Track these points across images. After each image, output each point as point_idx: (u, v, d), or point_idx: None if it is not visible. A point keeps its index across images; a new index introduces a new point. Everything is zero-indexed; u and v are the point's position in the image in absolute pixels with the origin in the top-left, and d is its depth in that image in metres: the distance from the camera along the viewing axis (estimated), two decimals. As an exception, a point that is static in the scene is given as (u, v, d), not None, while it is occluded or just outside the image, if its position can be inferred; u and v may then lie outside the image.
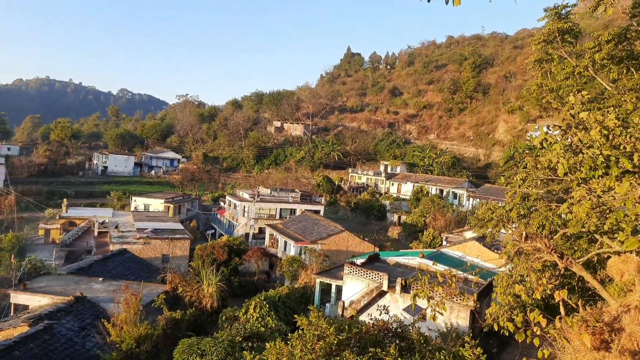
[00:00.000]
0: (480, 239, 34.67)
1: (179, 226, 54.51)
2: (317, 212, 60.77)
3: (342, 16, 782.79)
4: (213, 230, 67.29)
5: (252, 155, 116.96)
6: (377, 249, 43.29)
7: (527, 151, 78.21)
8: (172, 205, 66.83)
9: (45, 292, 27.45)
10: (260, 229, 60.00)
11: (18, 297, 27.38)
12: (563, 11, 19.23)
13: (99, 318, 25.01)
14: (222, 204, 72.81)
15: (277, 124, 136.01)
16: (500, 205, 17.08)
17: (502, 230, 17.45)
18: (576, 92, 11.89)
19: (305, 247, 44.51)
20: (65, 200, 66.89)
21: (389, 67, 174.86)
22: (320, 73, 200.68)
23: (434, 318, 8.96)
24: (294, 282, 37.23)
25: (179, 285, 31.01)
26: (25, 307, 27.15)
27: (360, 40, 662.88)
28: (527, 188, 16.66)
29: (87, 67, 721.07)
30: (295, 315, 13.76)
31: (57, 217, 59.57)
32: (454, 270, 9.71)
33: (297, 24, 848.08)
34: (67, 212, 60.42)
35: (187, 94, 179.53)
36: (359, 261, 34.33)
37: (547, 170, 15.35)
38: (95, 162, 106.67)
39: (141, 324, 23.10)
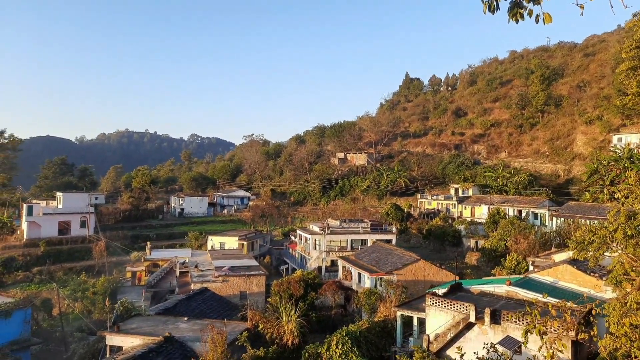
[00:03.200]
0: (574, 262, 31.89)
1: (254, 262, 55.62)
2: (388, 241, 59.52)
3: (398, 43, 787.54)
4: (287, 265, 67.94)
5: (317, 188, 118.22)
6: (457, 278, 41.25)
7: (613, 163, 72.21)
8: (245, 242, 68.58)
9: (137, 333, 28.72)
10: (332, 261, 59.69)
11: (113, 339, 28.87)
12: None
13: (187, 357, 25.66)
14: (292, 238, 73.60)
15: (341, 155, 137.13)
16: (601, 225, 15.55)
17: (606, 253, 15.84)
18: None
19: (381, 278, 43.42)
20: (148, 243, 70.99)
21: (450, 88, 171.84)
22: (380, 101, 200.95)
23: (552, 356, 8.01)
24: (372, 316, 36.21)
25: (260, 322, 31.23)
26: (119, 348, 28.52)
27: (419, 65, 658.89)
28: (630, 205, 15.12)
29: (160, 116, 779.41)
30: (398, 357, 13.10)
31: (142, 260, 63.14)
32: (568, 302, 8.75)
33: (353, 54, 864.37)
34: (150, 254, 63.96)
35: (253, 134, 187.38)
36: (440, 291, 32.80)
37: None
38: (172, 205, 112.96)
39: (227, 362, 23.32)
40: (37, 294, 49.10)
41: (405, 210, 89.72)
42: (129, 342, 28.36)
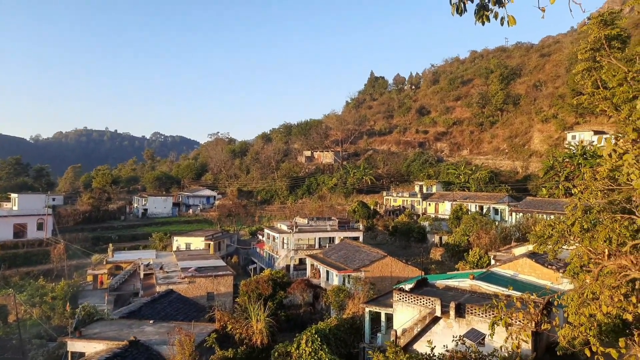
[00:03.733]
0: (532, 256, 33.23)
1: (221, 263, 54.91)
2: (356, 238, 60.10)
3: (363, 42, 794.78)
4: (255, 265, 67.46)
5: (285, 186, 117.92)
6: (422, 273, 42.15)
7: (568, 160, 75.55)
8: (212, 243, 67.60)
9: (100, 338, 27.84)
10: (300, 260, 59.71)
11: (75, 345, 27.86)
12: (609, 17, 18.72)
13: (154, 361, 25.12)
14: (260, 237, 73.14)
15: (307, 153, 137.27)
16: (559, 220, 16.28)
17: (564, 246, 16.59)
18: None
19: (349, 275, 43.83)
20: (110, 245, 68.81)
21: (413, 87, 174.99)
22: (345, 99, 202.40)
23: (518, 346, 8.37)
24: (341, 313, 36.52)
25: (228, 323, 30.93)
26: (82, 355, 27.56)
27: (383, 64, 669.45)
28: (587, 200, 15.86)
29: (121, 114, 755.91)
30: (370, 352, 13.28)
31: (104, 262, 61.16)
32: (532, 295, 9.14)
33: (318, 53, 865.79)
34: (113, 256, 62.02)
35: (218, 132, 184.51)
36: (407, 287, 33.37)
37: (606, 180, 14.58)
38: (135, 205, 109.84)
39: (196, 365, 22.98)
40: (-9, 300, 46.60)
41: (372, 207, 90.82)
42: (92, 348, 27.44)
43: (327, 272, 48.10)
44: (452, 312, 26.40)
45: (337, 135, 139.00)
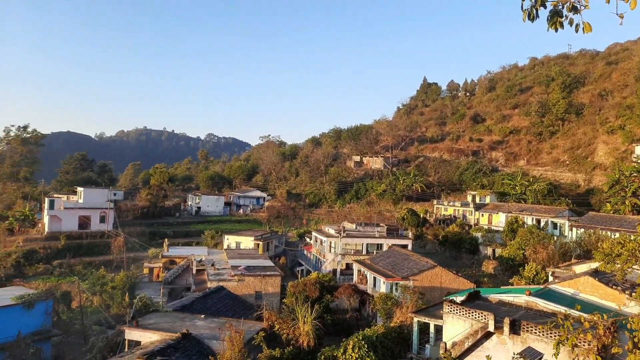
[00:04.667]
0: (595, 274, 31.35)
1: (270, 263, 55.88)
2: (404, 246, 59.23)
3: (416, 47, 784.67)
4: (302, 267, 68.09)
5: (333, 190, 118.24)
6: (474, 286, 40.89)
7: (636, 174, 70.79)
8: (261, 243, 68.92)
9: (155, 329, 29.09)
10: (347, 264, 59.63)
11: (132, 334, 29.29)
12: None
13: (204, 355, 25.92)
14: (308, 239, 73.74)
15: (357, 158, 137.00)
16: (630, 237, 15.33)
17: (635, 266, 15.59)
18: None
19: (397, 283, 43.25)
20: (166, 240, 71.83)
21: (468, 94, 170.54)
22: (397, 105, 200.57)
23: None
24: (388, 321, 36.11)
25: (275, 322, 31.38)
26: (138, 343, 28.92)
27: (436, 70, 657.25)
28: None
29: (178, 115, 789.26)
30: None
31: (160, 257, 63.91)
32: (603, 316, 8.68)
33: (371, 59, 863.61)
34: (168, 251, 64.71)
35: (269, 135, 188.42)
36: (458, 299, 32.53)
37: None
38: (189, 203, 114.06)
39: (245, 362, 23.50)
40: (57, 286, 50.07)
41: (422, 215, 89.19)
42: (148, 338, 28.75)
43: (375, 278, 47.71)
44: (506, 328, 25.41)
45: (387, 141, 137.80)
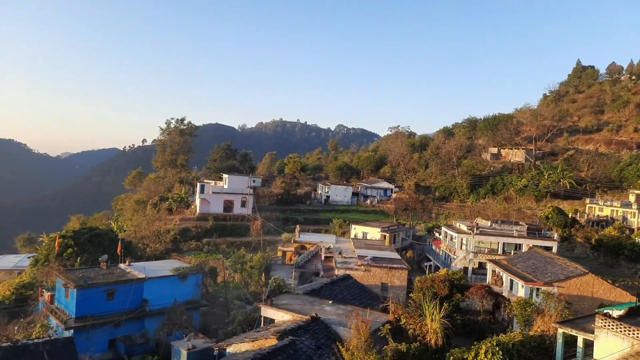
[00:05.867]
0: None
1: (396, 255, 55.22)
2: (548, 248, 53.46)
3: (568, 27, 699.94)
4: (430, 262, 66.04)
5: (465, 184, 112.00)
6: (637, 300, 35.07)
7: None
8: (388, 234, 68.44)
9: (287, 309, 30.75)
10: (480, 263, 56.09)
11: (267, 311, 31.42)
12: None
13: (331, 339, 26.56)
14: (437, 234, 71.07)
15: (494, 150, 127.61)
16: None
17: None
18: None
19: (538, 288, 39.24)
20: (297, 226, 75.73)
21: (634, 77, 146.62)
22: (542, 92, 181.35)
23: None
24: (527, 329, 32.93)
25: (402, 316, 30.74)
26: (272, 321, 30.93)
27: (592, 52, 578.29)
28: None
29: (311, 107, 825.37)
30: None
31: (292, 241, 67.65)
32: None
33: (514, 43, 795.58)
34: (299, 237, 68.16)
35: (398, 125, 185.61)
36: (614, 313, 28.25)
37: None
38: (319, 192, 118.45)
39: (370, 352, 23.43)
40: (206, 262, 56.01)
41: (570, 215, 79.54)
42: (280, 317, 30.54)
43: (511, 281, 43.97)
44: (682, 355, 21.20)
45: (530, 132, 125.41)
